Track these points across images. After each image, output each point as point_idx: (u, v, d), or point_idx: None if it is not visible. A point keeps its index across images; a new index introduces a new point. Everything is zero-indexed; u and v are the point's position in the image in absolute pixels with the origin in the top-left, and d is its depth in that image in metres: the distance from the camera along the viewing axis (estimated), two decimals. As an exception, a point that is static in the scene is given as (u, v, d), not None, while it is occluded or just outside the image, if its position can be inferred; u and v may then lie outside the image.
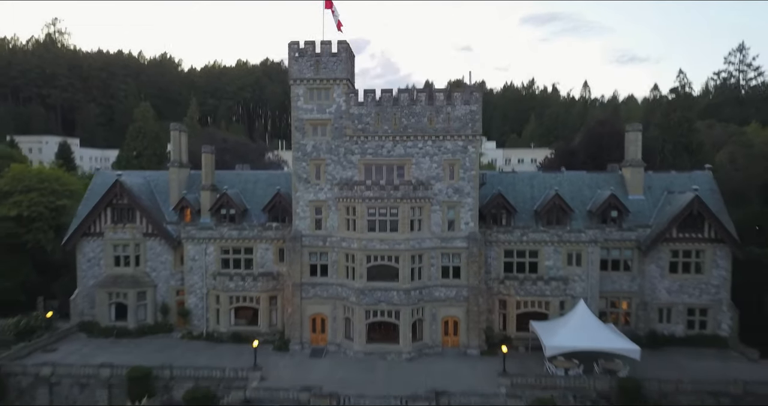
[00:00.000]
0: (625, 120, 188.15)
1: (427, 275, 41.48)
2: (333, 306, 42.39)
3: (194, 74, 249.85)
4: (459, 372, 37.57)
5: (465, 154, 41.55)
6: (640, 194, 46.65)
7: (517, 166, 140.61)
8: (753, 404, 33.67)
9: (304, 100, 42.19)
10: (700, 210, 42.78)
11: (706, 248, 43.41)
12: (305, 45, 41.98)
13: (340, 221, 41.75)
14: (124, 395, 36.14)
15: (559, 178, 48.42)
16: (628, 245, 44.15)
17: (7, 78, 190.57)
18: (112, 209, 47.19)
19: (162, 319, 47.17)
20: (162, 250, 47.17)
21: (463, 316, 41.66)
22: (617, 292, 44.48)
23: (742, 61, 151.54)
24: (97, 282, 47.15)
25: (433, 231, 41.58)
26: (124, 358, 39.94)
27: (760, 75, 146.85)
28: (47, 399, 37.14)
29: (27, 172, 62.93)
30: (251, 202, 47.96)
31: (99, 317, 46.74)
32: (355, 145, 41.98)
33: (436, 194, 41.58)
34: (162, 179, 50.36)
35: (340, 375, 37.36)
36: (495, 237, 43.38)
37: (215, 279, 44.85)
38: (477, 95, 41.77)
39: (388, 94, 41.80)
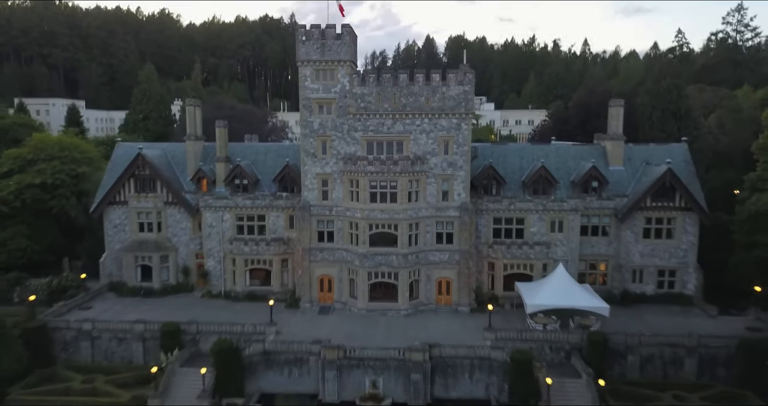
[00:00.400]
0: (625, 79, 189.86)
1: (423, 241, 46.05)
2: (339, 268, 47.16)
3: (194, 31, 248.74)
4: (450, 327, 42.62)
5: (458, 131, 45.45)
6: (620, 165, 50.72)
7: (515, 127, 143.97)
8: (704, 354, 38.73)
9: (311, 81, 45.81)
10: (672, 181, 46.99)
11: (676, 215, 47.84)
12: (311, 28, 45.30)
13: (345, 193, 46.02)
14: (157, 348, 41.22)
15: (546, 150, 52.43)
16: (607, 212, 48.55)
17: (8, 37, 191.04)
18: (135, 180, 51.35)
19: (183, 280, 52.04)
20: (181, 217, 51.62)
21: (455, 277, 46.48)
22: (596, 255, 49.15)
23: (740, 22, 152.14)
24: (123, 246, 51.80)
25: (429, 201, 45.91)
26: (152, 315, 44.90)
27: (757, 36, 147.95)
28: (89, 351, 42.31)
29: (48, 141, 66.66)
30: (262, 172, 52.06)
31: (126, 277, 51.59)
32: (357, 122, 45.82)
33: (431, 168, 45.70)
34: (179, 151, 54.28)
35: (346, 330, 42.39)
36: (485, 206, 47.74)
37: (231, 244, 49.46)
38: (470, 76, 45.26)
39: (388, 75, 45.30)
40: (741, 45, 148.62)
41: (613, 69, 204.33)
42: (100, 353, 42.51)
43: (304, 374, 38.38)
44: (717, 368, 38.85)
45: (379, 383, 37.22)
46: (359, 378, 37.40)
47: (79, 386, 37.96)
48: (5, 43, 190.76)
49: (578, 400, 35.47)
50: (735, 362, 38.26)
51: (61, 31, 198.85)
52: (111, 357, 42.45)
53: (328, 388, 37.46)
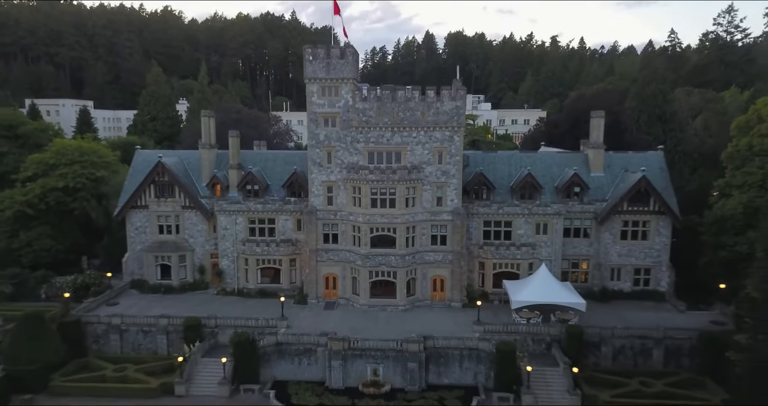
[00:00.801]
0: (620, 77, 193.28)
1: (419, 243, 50.58)
2: (342, 268, 51.70)
3: (196, 29, 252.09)
4: (443, 321, 47.22)
5: (451, 143, 49.86)
6: (601, 172, 55.12)
7: (511, 126, 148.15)
8: (670, 345, 43.33)
9: (317, 97, 50.18)
10: (646, 188, 51.44)
11: (651, 219, 52.34)
12: (318, 49, 49.62)
13: (348, 199, 50.50)
14: (180, 340, 45.82)
15: (532, 158, 56.85)
16: (588, 216, 53.02)
17: (15, 37, 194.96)
18: (155, 186, 55.77)
19: (199, 278, 56.59)
20: (198, 220, 56.11)
21: (448, 275, 51.04)
22: (578, 255, 53.65)
23: (730, 23, 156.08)
24: (144, 247, 56.32)
25: (425, 207, 50.40)
26: (174, 310, 49.45)
27: (747, 37, 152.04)
28: (118, 344, 46.91)
29: (69, 146, 70.99)
30: (271, 178, 56.47)
31: (147, 276, 56.15)
32: (359, 134, 50.23)
33: (427, 176, 50.14)
34: (194, 158, 58.67)
35: (350, 323, 46.97)
36: (476, 210, 52.22)
37: (244, 245, 53.99)
38: (462, 93, 49.62)
39: (387, 91, 49.63)
40: (731, 46, 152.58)
41: (609, 67, 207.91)
42: (128, 345, 47.12)
43: (313, 363, 43.03)
44: (681, 357, 43.43)
45: (380, 371, 41.88)
46: (362, 367, 42.04)
47: (112, 374, 42.60)
48: (12, 43, 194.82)
49: (555, 386, 40.14)
50: (698, 352, 42.83)
51: (67, 31, 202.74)
52: (138, 349, 47.06)
53: (333, 375, 42.10)
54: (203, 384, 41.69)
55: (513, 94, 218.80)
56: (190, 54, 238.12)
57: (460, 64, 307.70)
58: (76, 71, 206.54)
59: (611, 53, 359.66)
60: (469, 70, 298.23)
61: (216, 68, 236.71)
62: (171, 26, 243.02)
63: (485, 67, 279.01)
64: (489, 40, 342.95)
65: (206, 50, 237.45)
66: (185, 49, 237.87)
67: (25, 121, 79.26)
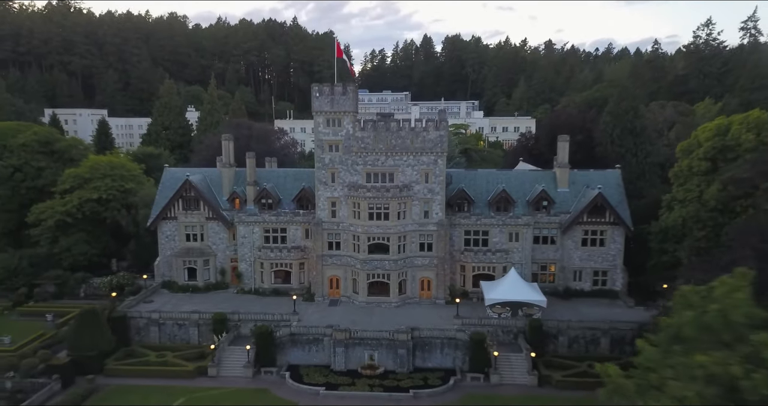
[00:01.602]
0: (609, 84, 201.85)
1: (409, 249, 59.66)
2: (344, 270, 60.81)
3: (201, 36, 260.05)
4: (429, 315, 56.35)
5: (435, 165, 58.90)
6: (566, 188, 64.13)
7: (502, 134, 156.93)
8: (615, 335, 52.49)
9: (323, 126, 59.22)
10: (602, 203, 60.52)
11: (607, 228, 61.46)
12: (324, 87, 58.67)
13: (349, 212, 59.57)
14: (209, 332, 54.98)
15: (507, 176, 65.93)
16: (554, 226, 62.06)
17: (30, 46, 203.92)
18: (182, 200, 64.80)
19: (221, 279, 65.69)
20: (219, 229, 65.19)
21: (434, 277, 60.18)
22: (545, 259, 62.74)
23: (709, 35, 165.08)
24: (173, 253, 65.42)
25: (413, 219, 59.47)
26: (200, 307, 58.54)
27: (724, 49, 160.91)
28: (157, 335, 56.05)
29: (101, 162, 79.98)
30: (283, 193, 65.49)
31: (176, 277, 65.26)
32: (359, 158, 59.24)
33: (415, 193, 59.19)
34: (215, 175, 67.67)
35: (350, 317, 56.08)
36: (458, 221, 61.31)
37: (260, 251, 63.12)
38: (444, 123, 58.64)
39: (382, 123, 58.64)
40: (709, 57, 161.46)
41: (598, 74, 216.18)
42: (165, 336, 56.25)
43: (320, 350, 52.17)
44: (625, 345, 52.37)
45: (375, 356, 51.01)
46: (360, 353, 51.18)
47: (154, 360, 51.78)
48: (27, 52, 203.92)
49: (518, 368, 49.37)
50: (637, 340, 51.93)
51: (79, 40, 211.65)
52: (173, 339, 56.17)
53: (337, 360, 51.22)
54: (231, 367, 50.87)
55: (507, 99, 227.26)
56: (196, 60, 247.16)
57: (457, 67, 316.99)
58: (87, 78, 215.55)
59: (605, 55, 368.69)
60: (466, 74, 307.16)
61: (221, 74, 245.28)
62: (177, 33, 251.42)
63: (481, 71, 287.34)
64: (485, 44, 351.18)
65: (211, 57, 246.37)
66: (191, 56, 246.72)
67: (59, 138, 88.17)
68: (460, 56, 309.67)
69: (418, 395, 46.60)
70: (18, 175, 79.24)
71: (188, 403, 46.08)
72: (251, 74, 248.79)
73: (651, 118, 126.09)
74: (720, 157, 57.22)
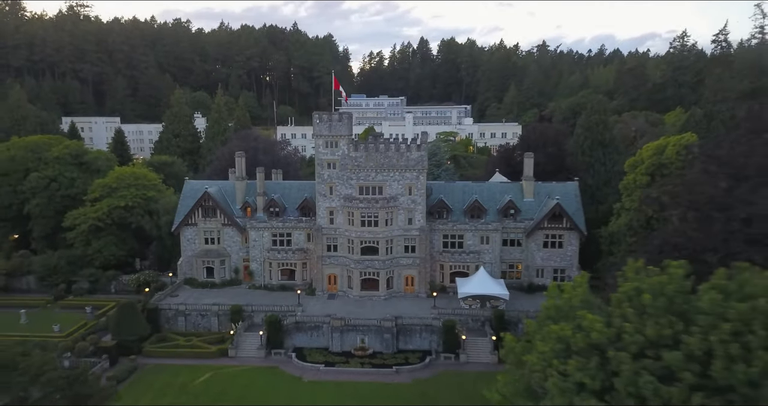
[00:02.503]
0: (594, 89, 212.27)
1: (396, 251, 70.33)
2: (341, 269, 71.49)
3: (205, 42, 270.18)
4: (411, 307, 67.09)
5: (417, 180, 69.54)
6: (531, 198, 74.72)
7: (490, 140, 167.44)
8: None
9: (323, 148, 69.84)
10: (560, 211, 71.18)
11: (564, 233, 72.12)
12: (323, 114, 69.26)
13: (344, 220, 70.22)
14: (227, 321, 65.71)
15: (481, 187, 76.54)
16: (519, 231, 72.71)
17: (44, 55, 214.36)
18: (202, 209, 75.45)
19: (235, 276, 76.37)
20: (233, 234, 75.85)
21: (416, 274, 70.89)
22: (513, 259, 73.43)
23: (684, 45, 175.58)
24: (194, 254, 76.12)
25: (399, 225, 70.14)
26: (219, 300, 69.20)
27: (699, 60, 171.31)
28: (183, 323, 66.80)
29: (126, 173, 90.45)
30: (288, 203, 76.07)
31: (196, 275, 75.96)
32: (353, 174, 69.85)
33: (400, 204, 69.83)
34: (229, 186, 78.28)
35: (346, 308, 66.75)
36: (437, 227, 71.97)
37: (269, 252, 73.83)
38: (424, 146, 69.25)
39: (372, 144, 69.24)
40: (684, 68, 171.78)
41: (584, 80, 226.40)
42: (190, 325, 66.99)
43: (320, 335, 62.91)
44: (573, 331, 63.17)
45: (366, 340, 61.73)
46: (353, 337, 61.91)
47: (183, 343, 62.54)
48: (41, 61, 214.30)
49: (483, 349, 60.21)
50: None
51: (90, 48, 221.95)
52: (197, 327, 66.90)
53: (334, 343, 61.96)
54: (246, 349, 61.65)
55: (498, 104, 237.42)
56: (200, 66, 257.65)
57: (452, 71, 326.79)
58: (97, 85, 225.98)
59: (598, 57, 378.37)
60: (460, 78, 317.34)
61: (225, 79, 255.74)
62: (182, 39, 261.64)
63: (475, 74, 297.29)
64: (481, 46, 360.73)
65: (215, 62, 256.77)
66: (195, 61, 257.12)
67: (87, 151, 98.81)
68: (455, 60, 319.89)
69: (399, 370, 57.49)
70: (53, 185, 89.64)
71: (213, 378, 56.81)
72: (253, 79, 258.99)
73: (623, 128, 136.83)
74: (657, 173, 67.87)
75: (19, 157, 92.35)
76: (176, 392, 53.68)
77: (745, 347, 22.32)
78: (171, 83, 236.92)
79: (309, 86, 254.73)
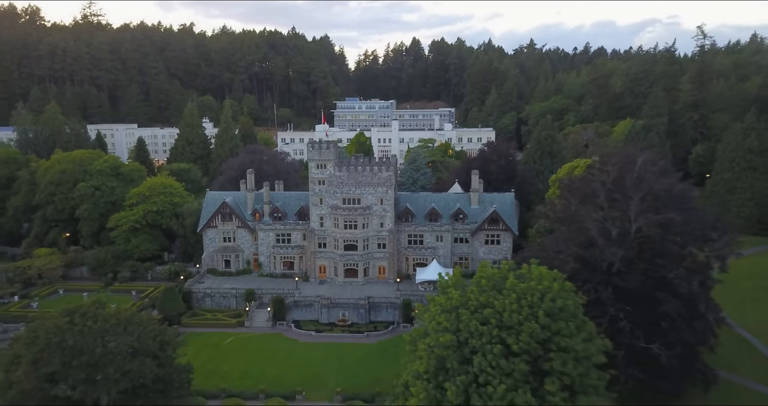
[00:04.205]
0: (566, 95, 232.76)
1: (371, 247, 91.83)
2: (329, 261, 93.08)
3: (210, 48, 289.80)
4: (381, 289, 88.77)
5: (387, 194, 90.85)
6: (477, 205, 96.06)
7: (467, 144, 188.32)
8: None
9: (314, 169, 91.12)
10: (497, 216, 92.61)
11: (500, 233, 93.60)
12: (315, 143, 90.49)
13: (331, 224, 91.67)
14: (243, 300, 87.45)
15: (438, 197, 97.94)
16: (466, 231, 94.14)
17: (64, 64, 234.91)
18: (220, 214, 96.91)
19: (247, 267, 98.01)
20: (245, 234, 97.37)
21: (387, 265, 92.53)
22: (462, 253, 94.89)
23: (647, 54, 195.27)
24: (215, 250, 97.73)
25: (373, 228, 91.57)
26: (235, 285, 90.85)
27: (649, 75, 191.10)
28: (209, 303, 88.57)
29: (156, 183, 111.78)
30: (288, 209, 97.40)
31: (217, 266, 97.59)
32: (338, 189, 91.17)
33: (374, 212, 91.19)
34: (242, 196, 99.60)
35: (332, 291, 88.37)
36: (403, 228, 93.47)
37: (273, 248, 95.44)
38: (393, 167, 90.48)
39: (353, 166, 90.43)
40: (639, 79, 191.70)
41: (558, 86, 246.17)
42: (214, 304, 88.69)
43: (312, 311, 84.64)
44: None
45: (346, 314, 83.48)
46: (337, 312, 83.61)
47: (210, 317, 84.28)
48: (62, 69, 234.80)
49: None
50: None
51: (105, 57, 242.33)
52: (220, 305, 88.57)
53: (322, 316, 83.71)
54: (258, 321, 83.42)
55: (479, 106, 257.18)
56: (206, 70, 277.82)
57: (441, 72, 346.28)
58: (112, 90, 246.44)
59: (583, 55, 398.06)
60: (449, 78, 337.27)
61: (228, 84, 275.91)
62: (188, 45, 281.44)
63: (462, 75, 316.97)
64: (469, 47, 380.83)
65: (219, 68, 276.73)
66: (201, 66, 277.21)
67: (123, 164, 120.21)
68: (444, 61, 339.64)
69: (369, 335, 79.32)
70: (97, 192, 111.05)
71: (235, 341, 78.59)
72: (255, 83, 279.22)
73: (575, 138, 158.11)
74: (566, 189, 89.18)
75: (69, 171, 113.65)
76: (211, 349, 75.52)
77: (520, 305, 43.45)
78: (179, 88, 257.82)
79: (306, 89, 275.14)
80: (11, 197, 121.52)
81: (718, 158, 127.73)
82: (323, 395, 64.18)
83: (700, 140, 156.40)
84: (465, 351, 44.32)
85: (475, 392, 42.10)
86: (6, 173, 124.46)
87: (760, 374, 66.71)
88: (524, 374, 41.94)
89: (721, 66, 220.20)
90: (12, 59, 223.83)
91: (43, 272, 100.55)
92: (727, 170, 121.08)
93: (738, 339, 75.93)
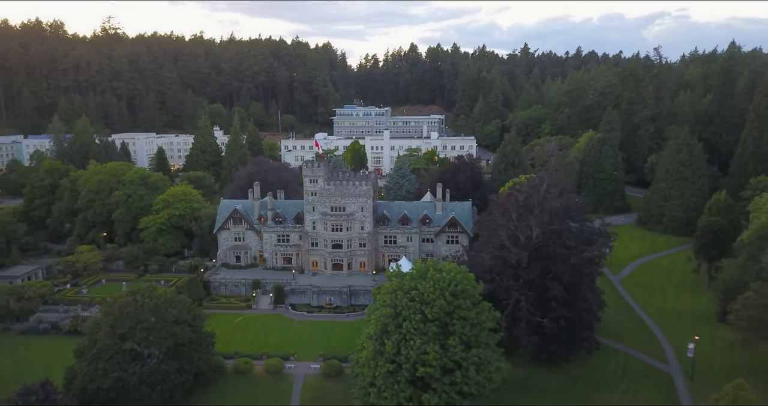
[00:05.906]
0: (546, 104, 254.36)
1: (354, 246, 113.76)
2: (320, 257, 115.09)
3: (220, 58, 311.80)
4: (361, 280, 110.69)
5: (366, 203, 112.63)
6: (440, 212, 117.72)
7: (451, 151, 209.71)
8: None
9: (308, 183, 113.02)
10: (455, 221, 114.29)
11: (458, 234, 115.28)
12: (309, 162, 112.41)
13: (322, 227, 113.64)
14: (250, 288, 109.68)
15: (409, 205, 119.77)
16: (432, 233, 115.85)
17: (87, 76, 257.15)
18: (232, 219, 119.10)
19: (254, 262, 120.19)
20: (253, 235, 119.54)
21: (366, 260, 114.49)
22: (428, 251, 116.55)
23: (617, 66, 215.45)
24: (227, 247, 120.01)
25: (356, 230, 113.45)
26: (245, 276, 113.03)
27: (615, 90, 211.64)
28: (224, 290, 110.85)
29: (177, 191, 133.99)
30: (287, 215, 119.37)
31: (229, 261, 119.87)
32: (326, 199, 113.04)
33: (356, 218, 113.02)
34: (249, 204, 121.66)
35: (322, 281, 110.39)
36: (380, 231, 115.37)
37: (275, 247, 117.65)
38: (372, 182, 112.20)
39: (338, 180, 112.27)
40: (607, 93, 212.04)
41: (540, 95, 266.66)
42: (228, 291, 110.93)
43: (306, 297, 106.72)
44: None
45: (332, 299, 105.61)
46: (325, 297, 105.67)
47: (225, 302, 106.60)
48: (85, 81, 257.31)
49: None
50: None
51: (124, 68, 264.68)
52: (232, 292, 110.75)
53: (314, 301, 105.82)
54: (262, 305, 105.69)
55: (468, 113, 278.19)
56: (216, 79, 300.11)
57: (436, 77, 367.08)
58: (130, 99, 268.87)
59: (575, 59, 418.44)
60: (443, 84, 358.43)
61: (237, 92, 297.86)
62: (199, 55, 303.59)
63: (455, 81, 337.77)
64: (464, 52, 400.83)
65: (228, 77, 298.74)
66: (212, 75, 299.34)
67: (150, 174, 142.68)
68: (439, 67, 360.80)
69: (349, 315, 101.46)
70: (130, 199, 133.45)
71: (244, 319, 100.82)
72: (261, 91, 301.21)
73: (539, 150, 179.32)
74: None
75: (105, 180, 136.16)
76: (225, 326, 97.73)
77: (435, 288, 65.25)
78: (192, 96, 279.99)
79: (308, 97, 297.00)
80: (55, 202, 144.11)
81: (657, 169, 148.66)
82: (311, 357, 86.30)
83: (655, 150, 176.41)
84: (399, 319, 66.29)
85: (403, 346, 64.06)
86: (51, 181, 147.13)
87: (639, 344, 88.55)
88: (436, 334, 64.02)
89: (690, 77, 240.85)
90: (41, 73, 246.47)
91: (87, 265, 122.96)
92: (662, 180, 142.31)
93: (635, 319, 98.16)
